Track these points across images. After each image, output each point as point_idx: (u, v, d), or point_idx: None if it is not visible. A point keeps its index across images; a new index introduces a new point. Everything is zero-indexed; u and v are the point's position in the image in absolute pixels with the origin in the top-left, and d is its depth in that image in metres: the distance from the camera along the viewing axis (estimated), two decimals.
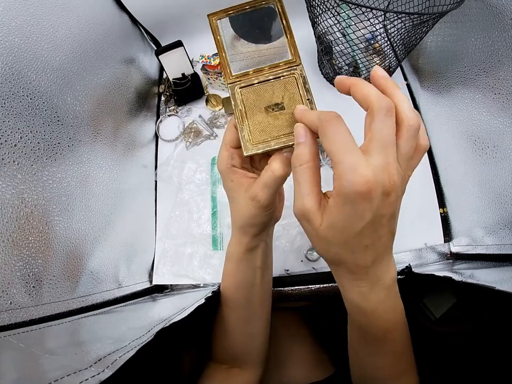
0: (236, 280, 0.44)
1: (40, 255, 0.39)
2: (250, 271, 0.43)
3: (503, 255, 0.48)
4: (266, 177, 0.34)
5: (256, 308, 0.44)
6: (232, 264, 0.43)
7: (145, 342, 0.28)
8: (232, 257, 0.43)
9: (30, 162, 0.39)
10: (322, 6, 0.55)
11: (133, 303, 0.55)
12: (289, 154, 0.33)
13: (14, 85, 0.38)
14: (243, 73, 0.37)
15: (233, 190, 0.38)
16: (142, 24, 0.76)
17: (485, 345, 0.40)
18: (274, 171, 0.33)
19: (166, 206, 0.71)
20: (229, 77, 0.37)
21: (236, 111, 0.35)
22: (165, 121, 0.80)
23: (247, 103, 0.36)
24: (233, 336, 0.45)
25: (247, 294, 0.44)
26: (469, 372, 0.39)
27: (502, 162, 0.47)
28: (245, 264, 0.42)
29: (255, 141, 0.34)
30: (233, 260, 0.43)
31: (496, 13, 0.45)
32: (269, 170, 0.34)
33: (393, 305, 0.34)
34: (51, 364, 0.25)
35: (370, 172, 0.24)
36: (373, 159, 0.24)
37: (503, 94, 0.45)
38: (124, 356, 0.25)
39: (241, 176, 0.37)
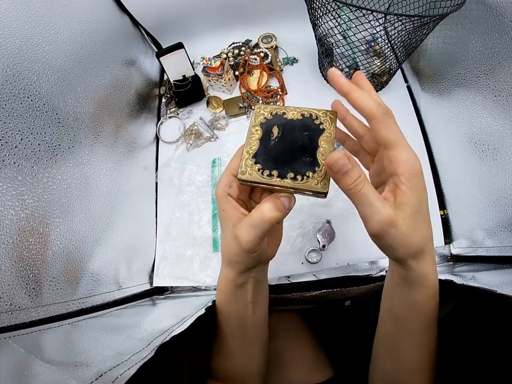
0: (227, 310, 0.43)
1: (40, 257, 0.39)
2: (241, 304, 0.42)
3: (504, 257, 0.48)
4: (254, 216, 0.33)
5: (250, 336, 0.44)
6: (222, 295, 0.42)
7: (146, 358, 0.28)
8: (221, 289, 0.42)
9: (30, 164, 0.39)
10: (323, 9, 0.55)
11: (133, 305, 0.55)
12: (286, 200, 0.33)
13: (14, 86, 0.39)
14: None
15: (223, 221, 0.36)
16: (143, 25, 0.77)
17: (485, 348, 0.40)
18: (263, 212, 0.32)
19: (167, 208, 0.71)
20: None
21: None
22: (165, 123, 0.80)
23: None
24: (231, 359, 0.44)
25: (240, 324, 0.43)
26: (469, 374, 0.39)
27: (502, 164, 0.47)
28: (235, 298, 0.41)
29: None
30: (222, 291, 0.42)
31: (496, 15, 0.45)
32: (258, 210, 0.33)
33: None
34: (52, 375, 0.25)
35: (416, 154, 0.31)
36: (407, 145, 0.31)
37: (504, 96, 0.45)
38: (125, 374, 0.25)
39: (233, 208, 0.35)
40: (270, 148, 0.33)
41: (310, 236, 0.64)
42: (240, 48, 0.83)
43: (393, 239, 0.30)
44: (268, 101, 0.77)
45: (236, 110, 0.77)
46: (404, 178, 0.29)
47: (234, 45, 0.84)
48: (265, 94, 0.77)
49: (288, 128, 0.33)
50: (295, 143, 0.33)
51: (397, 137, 0.30)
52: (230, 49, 0.83)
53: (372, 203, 0.29)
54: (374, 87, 0.72)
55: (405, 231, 0.30)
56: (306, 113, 0.34)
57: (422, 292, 0.35)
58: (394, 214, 0.29)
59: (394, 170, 0.30)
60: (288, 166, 0.32)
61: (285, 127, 0.34)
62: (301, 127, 0.33)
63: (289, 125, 0.34)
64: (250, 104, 0.77)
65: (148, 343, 0.33)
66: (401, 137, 0.30)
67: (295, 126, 0.33)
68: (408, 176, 0.29)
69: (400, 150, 0.30)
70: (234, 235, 0.34)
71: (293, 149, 0.33)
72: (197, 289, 0.65)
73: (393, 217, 0.29)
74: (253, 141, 0.34)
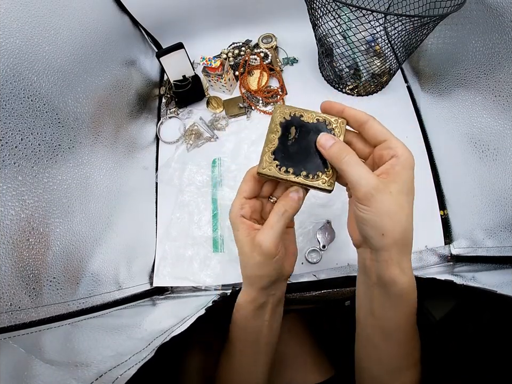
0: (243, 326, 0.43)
1: (40, 257, 0.39)
2: (259, 322, 0.43)
3: (504, 257, 0.48)
4: (270, 218, 0.37)
5: (262, 354, 0.44)
6: (241, 312, 0.43)
7: (146, 359, 0.28)
8: (241, 306, 0.43)
9: (30, 164, 0.39)
10: (323, 9, 0.55)
11: (133, 305, 0.55)
12: (294, 195, 0.37)
13: (15, 86, 0.39)
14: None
15: (239, 241, 0.39)
16: (143, 26, 0.77)
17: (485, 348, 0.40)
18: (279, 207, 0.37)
19: (167, 208, 0.71)
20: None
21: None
22: (165, 123, 0.80)
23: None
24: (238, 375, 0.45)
25: (254, 341, 0.44)
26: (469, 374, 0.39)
27: (502, 164, 0.47)
28: (253, 316, 0.42)
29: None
30: (242, 309, 0.43)
31: (496, 15, 0.45)
32: (273, 211, 0.37)
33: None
34: (52, 375, 0.25)
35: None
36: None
37: (504, 96, 0.45)
38: (125, 374, 0.25)
39: (248, 226, 0.38)
40: (287, 146, 0.37)
41: (310, 236, 0.64)
42: (240, 48, 0.83)
43: (380, 210, 0.32)
44: (268, 101, 0.77)
45: (236, 110, 0.77)
46: (402, 160, 0.32)
47: (234, 45, 0.84)
48: (265, 94, 0.77)
49: (304, 130, 0.37)
50: (310, 144, 0.36)
51: (390, 132, 0.34)
52: (230, 49, 0.83)
53: (359, 169, 0.32)
54: (374, 87, 0.73)
55: (391, 203, 0.31)
56: (321, 118, 0.37)
57: (399, 290, 0.34)
58: (382, 184, 0.32)
59: (393, 154, 0.33)
60: (302, 165, 0.36)
61: (302, 129, 0.37)
62: (315, 131, 0.37)
63: (305, 128, 0.37)
64: (250, 105, 0.77)
65: (148, 343, 0.33)
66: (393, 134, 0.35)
67: (310, 129, 0.37)
68: (406, 159, 0.33)
69: (397, 140, 0.34)
70: (254, 244, 0.37)
71: (307, 150, 0.37)
72: (197, 289, 0.65)
73: (380, 185, 0.32)
74: (273, 139, 0.37)
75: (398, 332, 0.37)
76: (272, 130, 0.37)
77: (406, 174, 0.33)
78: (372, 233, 0.33)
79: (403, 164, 0.32)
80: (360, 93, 0.74)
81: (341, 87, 0.75)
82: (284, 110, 0.38)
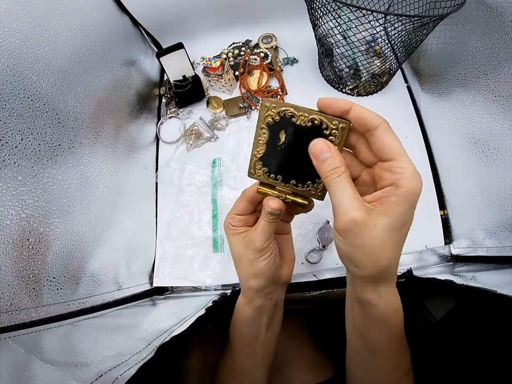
0: (239, 329, 0.44)
1: (40, 257, 0.39)
2: (255, 326, 0.43)
3: (504, 257, 0.48)
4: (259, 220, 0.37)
5: (259, 357, 0.45)
6: (238, 315, 0.44)
7: (146, 359, 0.28)
8: (238, 310, 0.44)
9: (30, 164, 0.39)
10: (323, 9, 0.55)
11: (133, 305, 0.55)
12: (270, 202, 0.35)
13: (15, 86, 0.39)
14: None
15: (232, 241, 0.40)
16: (143, 26, 0.77)
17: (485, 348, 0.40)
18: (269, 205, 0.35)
19: (167, 208, 0.71)
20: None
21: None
22: (165, 123, 0.80)
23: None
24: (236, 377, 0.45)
25: (250, 344, 0.44)
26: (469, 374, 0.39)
27: (502, 164, 0.47)
28: (251, 319, 0.43)
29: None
30: (239, 312, 0.44)
31: (496, 15, 0.45)
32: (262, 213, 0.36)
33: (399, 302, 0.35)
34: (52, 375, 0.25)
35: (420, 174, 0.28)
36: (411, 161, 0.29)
37: (503, 96, 0.45)
38: (125, 374, 0.25)
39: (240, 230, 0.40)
40: (276, 153, 0.33)
41: (310, 236, 0.64)
42: (240, 48, 0.83)
43: (356, 244, 0.28)
44: None
45: (236, 110, 0.77)
46: (401, 191, 0.27)
47: (234, 45, 0.84)
48: (265, 94, 0.77)
49: (295, 135, 0.32)
50: (301, 152, 0.32)
51: (401, 149, 0.28)
52: (230, 49, 0.83)
53: (345, 195, 0.28)
54: (374, 87, 0.73)
55: (371, 239, 0.28)
56: (316, 120, 0.31)
57: (377, 313, 0.33)
58: (367, 216, 0.28)
59: (394, 181, 0.28)
60: (292, 173, 0.34)
61: (292, 133, 0.32)
62: (308, 136, 0.31)
63: (297, 132, 0.32)
64: (250, 105, 0.77)
65: (148, 343, 0.33)
66: (405, 151, 0.29)
67: (302, 134, 0.32)
68: (407, 192, 0.27)
69: (406, 163, 0.28)
70: (246, 242, 0.38)
71: (298, 158, 0.33)
72: (197, 289, 0.65)
73: (364, 218, 0.27)
74: (261, 144, 0.33)
75: (383, 348, 0.36)
76: (259, 134, 0.33)
77: (403, 208, 0.28)
78: (345, 262, 0.32)
79: (402, 196, 0.27)
80: (360, 93, 0.74)
81: (341, 87, 0.75)
82: (272, 108, 0.32)
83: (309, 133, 0.31)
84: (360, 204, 0.28)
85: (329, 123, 0.31)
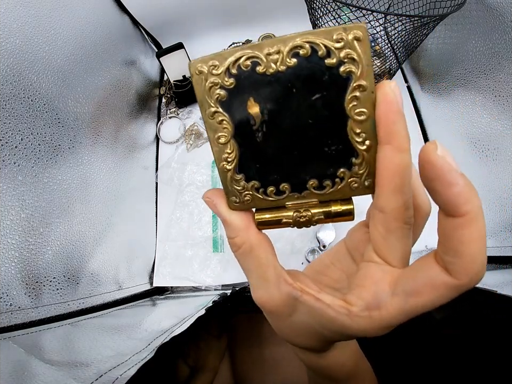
0: None
1: (40, 257, 0.39)
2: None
3: (504, 257, 0.48)
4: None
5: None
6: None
7: (146, 359, 0.28)
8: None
9: (30, 164, 0.39)
10: (323, 9, 0.55)
11: (133, 305, 0.55)
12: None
13: (14, 86, 0.38)
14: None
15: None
16: (143, 25, 0.77)
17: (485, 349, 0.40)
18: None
19: (167, 208, 0.71)
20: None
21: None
22: (165, 123, 0.80)
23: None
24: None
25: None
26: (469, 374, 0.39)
27: (502, 164, 0.47)
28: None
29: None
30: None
31: (496, 15, 0.45)
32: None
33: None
34: (52, 375, 0.25)
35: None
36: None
37: (504, 96, 0.45)
38: (125, 374, 0.25)
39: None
40: (259, 146, 0.18)
41: (310, 236, 0.64)
42: None
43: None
44: None
45: None
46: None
47: (234, 45, 0.84)
48: None
49: (278, 97, 0.17)
50: (302, 122, 0.17)
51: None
52: None
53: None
54: None
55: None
56: (303, 48, 0.16)
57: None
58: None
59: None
60: (302, 167, 0.18)
61: (270, 96, 0.17)
62: (303, 85, 0.16)
63: (278, 89, 0.17)
64: None
65: (148, 343, 0.33)
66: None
67: (290, 87, 0.16)
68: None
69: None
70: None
71: (302, 135, 0.17)
72: (197, 289, 0.65)
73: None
74: (223, 143, 0.18)
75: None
76: (213, 126, 0.18)
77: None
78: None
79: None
80: None
81: None
82: (211, 69, 0.17)
83: (303, 78, 0.16)
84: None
85: (329, 43, 0.16)
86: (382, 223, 0.18)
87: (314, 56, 0.16)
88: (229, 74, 0.17)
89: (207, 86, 0.17)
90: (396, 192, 0.17)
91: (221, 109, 0.17)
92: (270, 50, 0.16)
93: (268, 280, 0.20)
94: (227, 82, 0.17)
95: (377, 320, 0.18)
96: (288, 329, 0.22)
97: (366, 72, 0.16)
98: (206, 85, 0.17)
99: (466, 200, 0.15)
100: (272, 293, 0.20)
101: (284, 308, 0.21)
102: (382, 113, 0.16)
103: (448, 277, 0.16)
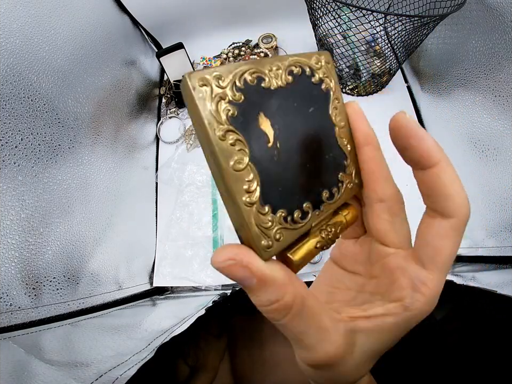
0: None
1: (40, 257, 0.39)
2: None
3: (504, 257, 0.48)
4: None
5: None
6: None
7: (146, 359, 0.28)
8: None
9: (30, 164, 0.39)
10: (323, 9, 0.55)
11: (133, 305, 0.55)
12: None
13: (15, 86, 0.39)
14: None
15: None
16: (143, 26, 0.77)
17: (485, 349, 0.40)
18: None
19: (167, 208, 0.71)
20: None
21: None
22: (165, 123, 0.80)
23: None
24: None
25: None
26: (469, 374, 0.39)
27: (502, 164, 0.47)
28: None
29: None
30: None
31: (496, 15, 0.45)
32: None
33: None
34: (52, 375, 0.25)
35: None
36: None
37: (504, 96, 0.45)
38: (125, 374, 0.25)
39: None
40: (276, 165, 0.16)
41: None
42: (240, 48, 0.83)
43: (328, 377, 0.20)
44: None
45: None
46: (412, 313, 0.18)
47: (234, 45, 0.84)
48: None
49: (284, 110, 0.17)
50: (307, 133, 0.18)
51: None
52: (230, 49, 0.83)
53: (309, 336, 0.18)
54: (374, 87, 0.73)
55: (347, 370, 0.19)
56: (296, 67, 0.17)
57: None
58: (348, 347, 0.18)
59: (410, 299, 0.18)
60: (317, 180, 0.18)
61: (279, 110, 0.16)
62: (300, 99, 0.18)
63: (284, 103, 0.17)
64: None
65: (148, 343, 0.33)
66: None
67: (292, 102, 0.17)
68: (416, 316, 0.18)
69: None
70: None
71: (309, 147, 0.18)
72: (197, 289, 0.65)
73: (346, 349, 0.18)
74: (241, 169, 0.15)
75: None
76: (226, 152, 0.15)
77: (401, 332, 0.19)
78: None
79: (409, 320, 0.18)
80: (360, 93, 0.74)
81: (341, 87, 0.75)
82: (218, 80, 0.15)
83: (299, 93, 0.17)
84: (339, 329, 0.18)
85: (309, 62, 0.18)
86: (385, 211, 0.20)
87: (304, 75, 0.18)
88: (235, 88, 0.15)
89: (215, 100, 0.14)
90: (388, 179, 0.20)
91: (233, 127, 0.15)
92: (272, 67, 0.16)
93: (327, 328, 0.17)
94: (235, 96, 0.15)
95: (428, 296, 0.18)
96: (354, 370, 0.19)
97: (337, 88, 0.19)
98: (213, 98, 0.14)
99: (437, 149, 0.18)
100: (335, 340, 0.17)
101: (348, 347, 0.18)
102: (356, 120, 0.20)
103: (450, 221, 0.19)
